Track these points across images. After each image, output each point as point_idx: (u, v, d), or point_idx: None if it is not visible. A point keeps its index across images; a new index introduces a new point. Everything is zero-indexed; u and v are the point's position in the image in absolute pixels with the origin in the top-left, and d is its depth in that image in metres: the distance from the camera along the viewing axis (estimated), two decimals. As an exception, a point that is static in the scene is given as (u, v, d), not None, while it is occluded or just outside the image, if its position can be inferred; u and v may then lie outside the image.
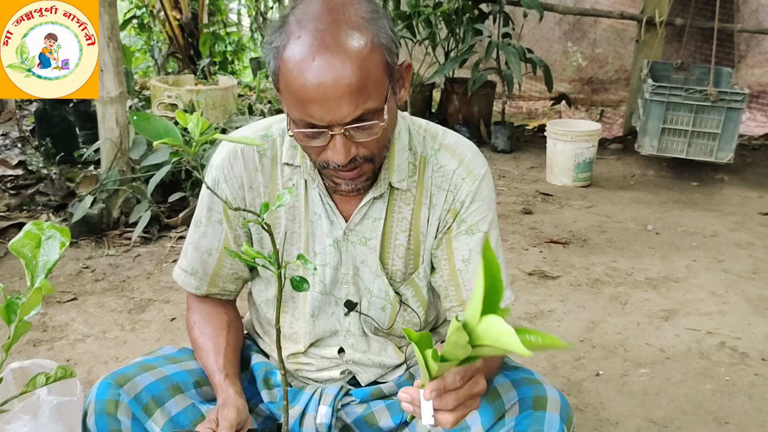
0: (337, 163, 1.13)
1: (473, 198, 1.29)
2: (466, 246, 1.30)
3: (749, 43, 5.48)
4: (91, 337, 2.41)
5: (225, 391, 1.29)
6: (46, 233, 1.01)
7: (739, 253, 3.23)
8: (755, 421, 2.04)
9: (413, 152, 1.30)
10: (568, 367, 2.30)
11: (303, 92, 1.07)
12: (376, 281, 1.33)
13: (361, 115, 1.09)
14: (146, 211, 3.14)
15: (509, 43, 4.61)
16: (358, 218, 1.30)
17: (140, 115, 1.00)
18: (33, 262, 0.98)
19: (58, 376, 0.97)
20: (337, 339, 1.40)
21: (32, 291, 0.93)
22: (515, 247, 3.25)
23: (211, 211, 1.37)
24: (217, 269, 1.40)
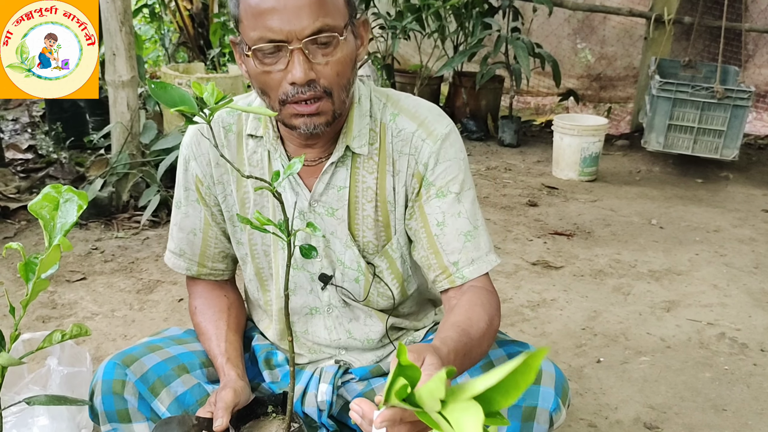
0: (297, 80, 1.12)
1: (437, 159, 1.27)
2: (438, 209, 1.27)
3: (757, 43, 5.48)
4: (99, 315, 2.45)
5: (226, 375, 1.31)
6: (64, 196, 1.04)
7: (742, 248, 3.25)
8: (752, 409, 2.07)
9: (373, 119, 1.29)
10: (569, 353, 2.33)
11: (263, 4, 1.10)
12: (347, 252, 1.32)
13: (320, 28, 1.11)
14: (155, 195, 3.18)
15: (518, 38, 4.63)
16: (322, 187, 1.29)
17: (158, 84, 1.03)
18: (51, 223, 1.01)
19: (74, 333, 1.00)
20: (321, 318, 1.40)
21: (51, 249, 0.96)
22: (519, 237, 3.28)
23: (188, 191, 1.38)
24: (204, 249, 1.42)
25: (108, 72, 3.15)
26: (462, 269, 1.27)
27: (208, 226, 1.40)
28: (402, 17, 4.79)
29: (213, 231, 1.41)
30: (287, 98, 1.15)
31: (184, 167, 1.38)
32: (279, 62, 1.14)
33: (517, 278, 2.84)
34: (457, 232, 1.28)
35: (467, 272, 1.27)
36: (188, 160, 1.36)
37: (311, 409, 1.41)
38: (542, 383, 1.25)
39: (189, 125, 1.33)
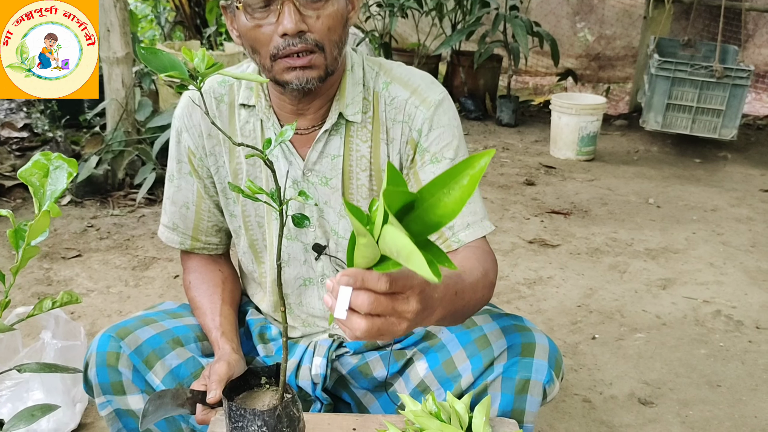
0: (287, 30, 1.11)
1: (431, 125, 1.26)
2: (433, 175, 1.25)
3: (757, 23, 5.45)
4: (95, 292, 2.45)
5: (221, 348, 1.30)
6: (54, 163, 1.03)
7: (739, 227, 3.25)
8: (747, 385, 2.07)
9: (366, 87, 1.28)
10: (564, 330, 2.33)
11: None
12: (341, 222, 1.32)
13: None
14: (151, 173, 3.17)
15: (516, 16, 4.60)
16: (315, 155, 1.28)
17: (147, 49, 1.01)
18: (41, 190, 1.00)
19: (64, 301, 0.99)
20: (314, 289, 1.40)
21: (40, 215, 0.95)
22: (516, 216, 3.27)
23: (180, 164, 1.38)
24: (197, 222, 1.41)
25: (102, 48, 3.12)
26: (458, 233, 1.27)
27: (201, 199, 1.39)
28: (400, -5, 4.76)
29: (206, 204, 1.40)
30: (278, 52, 1.14)
31: (176, 139, 1.37)
32: (270, 15, 1.13)
33: (513, 256, 2.84)
34: None
35: (463, 236, 1.27)
36: (180, 132, 1.35)
37: (305, 383, 1.41)
38: (535, 356, 1.25)
39: (181, 96, 1.32)
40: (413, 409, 1.18)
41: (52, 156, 1.03)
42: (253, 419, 1.09)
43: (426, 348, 1.36)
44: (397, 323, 0.86)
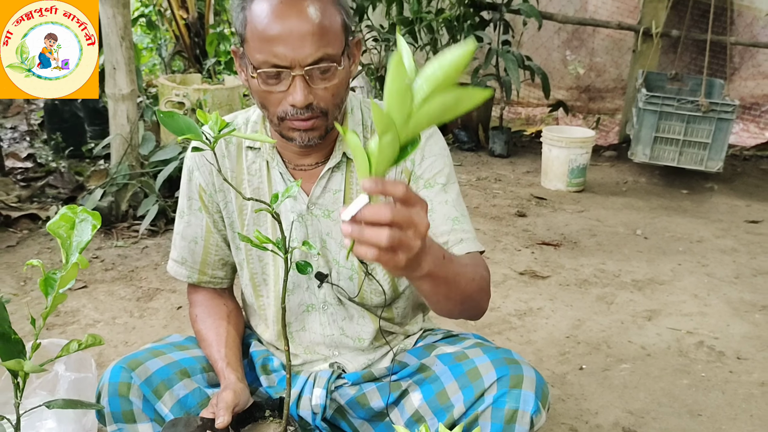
0: (296, 104, 1.22)
1: (423, 154, 1.38)
2: (427, 198, 1.31)
3: (743, 56, 5.60)
4: (101, 323, 2.54)
5: (227, 378, 1.39)
6: (80, 217, 1.12)
7: (723, 259, 3.36)
8: (727, 414, 2.16)
9: (364, 126, 1.41)
10: (553, 361, 2.42)
11: (270, 31, 1.19)
12: (342, 252, 1.42)
13: (321, 58, 1.20)
14: (154, 205, 3.27)
15: (508, 51, 4.74)
16: (319, 191, 1.39)
17: (166, 113, 1.12)
18: (68, 241, 1.10)
19: (89, 343, 1.08)
20: (316, 315, 1.48)
21: (70, 266, 1.05)
22: (508, 247, 3.37)
23: (191, 200, 1.47)
24: (205, 256, 1.51)
25: (108, 85, 3.23)
26: (452, 248, 1.36)
27: (209, 234, 1.49)
28: (395, 30, 4.90)
29: (214, 238, 1.50)
30: (286, 116, 1.25)
31: (188, 177, 1.47)
32: (281, 84, 1.23)
33: (505, 287, 2.94)
34: (445, 216, 1.38)
35: (456, 250, 1.36)
36: (192, 170, 1.46)
37: (306, 413, 1.49)
38: (523, 387, 1.33)
39: (211, 149, 1.43)
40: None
41: (78, 209, 1.13)
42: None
43: (421, 380, 1.45)
44: (413, 238, 0.89)
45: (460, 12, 4.89)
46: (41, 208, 3.61)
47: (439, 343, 1.55)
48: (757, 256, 3.41)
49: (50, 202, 3.71)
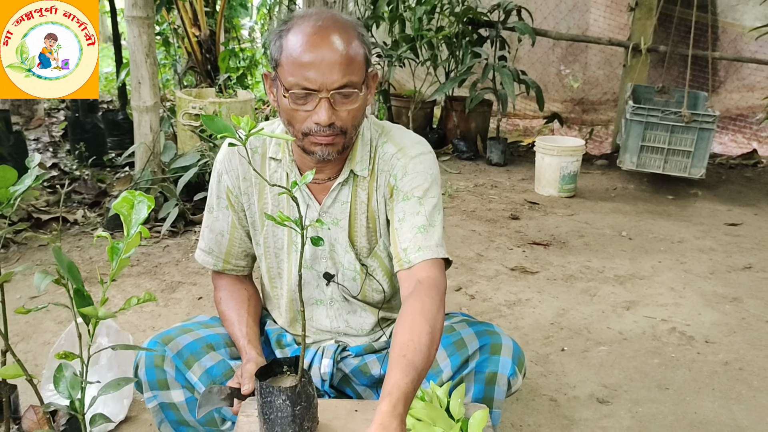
0: (321, 123, 1.40)
1: (405, 171, 1.55)
2: (401, 209, 1.54)
3: (728, 70, 5.88)
4: (130, 311, 2.81)
5: (248, 353, 1.62)
6: (138, 199, 1.40)
7: (701, 257, 3.62)
8: (691, 388, 2.42)
9: (371, 146, 1.60)
10: (538, 343, 2.68)
11: (303, 58, 1.36)
12: (346, 256, 1.64)
13: (345, 84, 1.39)
14: (174, 208, 3.55)
15: (504, 66, 5.03)
16: (330, 201, 1.60)
17: (207, 117, 1.40)
18: (129, 218, 1.37)
19: (145, 299, 1.35)
20: (323, 308, 1.71)
21: (133, 235, 1.32)
22: (501, 247, 3.64)
23: (219, 199, 1.69)
24: (229, 248, 1.73)
25: (134, 98, 3.52)
26: (409, 254, 1.53)
27: (234, 229, 1.72)
28: (397, 46, 5.20)
29: (238, 233, 1.72)
30: (310, 132, 1.44)
31: (217, 179, 1.70)
32: (308, 104, 1.41)
33: (496, 281, 3.20)
34: (412, 225, 1.55)
35: (413, 257, 1.50)
36: (221, 174, 1.68)
37: (316, 380, 1.73)
38: (502, 354, 1.57)
39: (222, 144, 1.68)
40: (403, 393, 1.51)
41: (136, 193, 1.41)
42: (278, 394, 1.41)
43: None
44: None
45: (459, 29, 5.20)
46: (68, 211, 3.89)
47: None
48: (732, 255, 3.67)
49: (76, 207, 3.99)
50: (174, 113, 4.85)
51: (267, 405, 1.39)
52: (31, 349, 2.47)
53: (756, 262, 3.57)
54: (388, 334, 1.78)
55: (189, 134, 4.35)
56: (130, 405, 2.17)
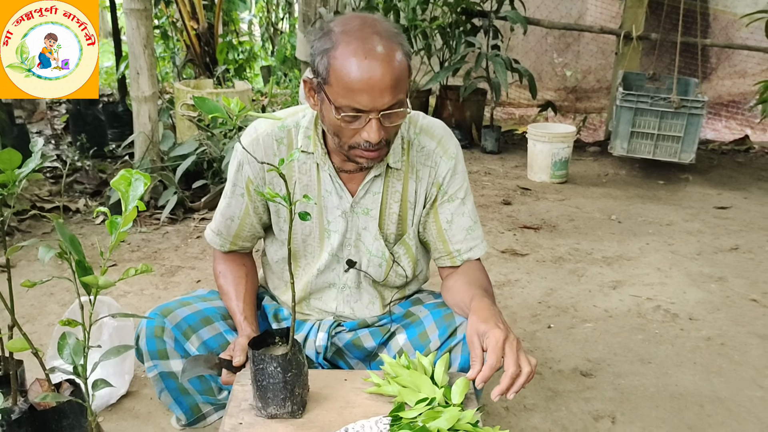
0: (372, 141, 1.44)
1: (452, 174, 1.66)
2: (448, 211, 1.68)
3: (720, 57, 5.95)
4: (131, 293, 2.90)
5: (243, 329, 1.70)
6: (134, 177, 1.48)
7: (689, 239, 3.70)
8: (673, 362, 2.51)
9: (402, 138, 1.63)
10: (526, 321, 2.77)
11: (356, 84, 1.38)
12: (375, 243, 1.71)
13: (395, 104, 1.42)
14: (173, 196, 3.63)
15: (497, 54, 5.10)
16: (363, 193, 1.66)
17: (198, 98, 1.48)
18: (126, 194, 1.46)
19: (142, 270, 1.44)
20: (334, 292, 1.79)
21: (129, 210, 1.41)
22: (492, 231, 3.73)
23: (235, 187, 1.74)
24: (239, 232, 1.80)
25: (132, 89, 3.61)
26: (463, 254, 1.73)
27: (246, 215, 1.76)
28: (392, 36, 5.26)
29: (250, 219, 1.77)
30: (358, 146, 1.49)
31: (237, 168, 1.73)
32: (357, 122, 1.45)
33: (487, 263, 3.29)
34: (461, 227, 1.71)
35: (466, 256, 1.73)
36: (242, 164, 1.71)
37: (311, 352, 1.81)
38: None
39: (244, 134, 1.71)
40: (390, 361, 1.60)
41: (132, 171, 1.49)
42: (270, 362, 1.48)
43: (407, 324, 1.77)
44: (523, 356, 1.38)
45: (452, 19, 5.27)
46: (70, 200, 3.98)
47: (424, 297, 1.89)
48: (720, 237, 3.75)
49: (78, 196, 4.08)
50: (173, 105, 4.94)
51: (260, 372, 1.47)
52: (36, 330, 2.56)
53: (743, 244, 3.66)
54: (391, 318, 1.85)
55: (187, 124, 4.43)
56: (131, 381, 2.26)
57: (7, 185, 1.64)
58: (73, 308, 2.15)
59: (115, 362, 2.19)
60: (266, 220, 1.79)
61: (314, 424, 1.42)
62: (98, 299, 2.29)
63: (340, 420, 1.42)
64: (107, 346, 2.19)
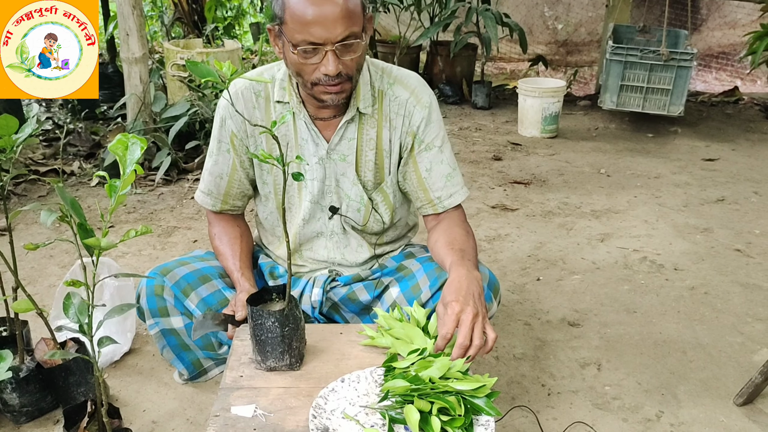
0: (330, 74, 1.50)
1: (426, 122, 1.72)
2: (426, 159, 1.74)
3: (710, 8, 5.93)
4: (129, 254, 2.96)
5: (241, 285, 1.76)
6: (131, 141, 1.52)
7: (676, 191, 3.76)
8: (658, 311, 2.59)
9: (372, 86, 1.71)
10: (515, 274, 2.85)
11: (308, 16, 1.45)
12: (353, 188, 1.77)
13: (348, 35, 1.48)
14: (167, 157, 3.66)
15: (487, 9, 5.09)
16: (337, 139, 1.72)
17: (191, 62, 1.51)
18: (124, 158, 1.50)
19: (142, 231, 1.49)
20: (324, 240, 1.85)
21: (127, 174, 1.45)
22: (483, 186, 3.78)
23: (220, 143, 1.80)
24: (228, 189, 1.84)
25: (122, 50, 3.60)
26: (443, 201, 1.78)
27: (234, 171, 1.81)
28: (382, -8, 5.24)
29: (238, 175, 1.82)
30: (319, 82, 1.54)
31: (220, 123, 1.78)
32: (315, 57, 1.51)
33: (478, 219, 3.35)
34: (440, 174, 1.76)
35: (447, 203, 1.78)
36: (224, 119, 1.76)
37: (306, 307, 1.89)
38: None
39: (225, 89, 1.77)
40: (384, 314, 1.66)
41: (129, 135, 1.53)
42: (268, 317, 1.54)
43: (400, 277, 1.84)
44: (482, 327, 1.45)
45: (441, -27, 5.23)
46: (65, 163, 4.01)
47: (416, 251, 1.95)
48: (707, 189, 3.81)
49: (71, 159, 4.10)
50: (163, 65, 4.92)
51: (258, 327, 1.53)
52: (38, 292, 2.62)
53: (729, 195, 3.72)
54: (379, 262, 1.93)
55: (178, 85, 4.43)
56: (133, 339, 2.33)
57: (5, 150, 1.68)
58: (74, 269, 2.20)
59: (118, 321, 2.26)
60: (253, 175, 1.84)
61: (312, 376, 1.49)
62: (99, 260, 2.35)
63: (336, 371, 1.49)
64: (110, 305, 2.27)
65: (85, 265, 1.55)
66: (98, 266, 1.80)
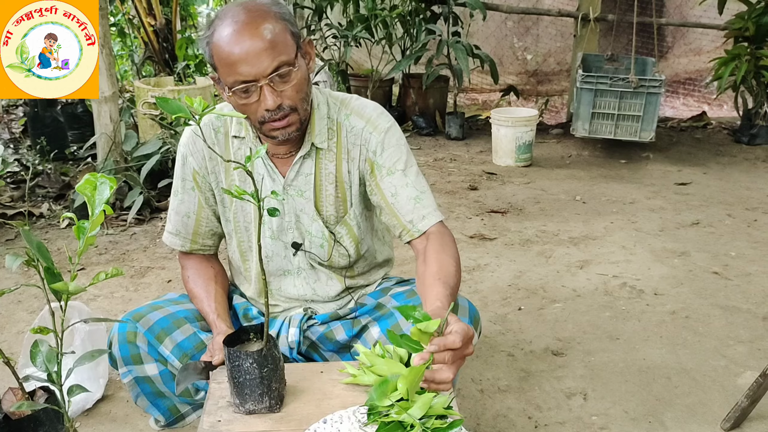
0: (269, 108, 1.48)
1: (383, 146, 1.65)
2: (390, 184, 1.69)
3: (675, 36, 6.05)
4: (101, 297, 2.88)
5: (218, 327, 1.71)
6: (100, 180, 1.48)
7: (651, 216, 3.78)
8: (641, 337, 2.57)
9: (330, 119, 1.68)
10: (496, 304, 2.82)
11: (232, 57, 1.44)
12: (313, 224, 1.74)
13: (278, 66, 1.46)
14: (139, 196, 3.60)
15: (458, 41, 5.13)
16: (293, 174, 1.69)
17: (160, 99, 1.48)
18: (92, 198, 1.45)
19: (113, 274, 1.43)
20: (291, 278, 1.80)
21: (96, 215, 1.40)
22: (460, 216, 3.77)
23: (184, 181, 1.76)
24: (196, 228, 1.80)
25: (92, 89, 3.55)
26: (416, 224, 1.69)
27: (201, 209, 1.78)
28: (352, 26, 5.27)
29: (205, 212, 1.79)
30: (265, 120, 1.53)
31: (182, 161, 1.76)
32: (252, 95, 1.49)
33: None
34: (407, 197, 1.69)
35: (420, 226, 1.69)
36: (186, 156, 1.75)
37: (284, 348, 1.83)
38: (458, 314, 1.67)
39: (185, 128, 1.76)
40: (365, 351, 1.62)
41: (97, 175, 1.48)
42: (246, 358, 1.49)
43: (378, 316, 1.79)
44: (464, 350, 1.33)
45: (412, 7, 5.28)
46: (33, 206, 3.93)
47: (393, 287, 1.91)
48: (681, 212, 3.84)
49: (41, 201, 4.02)
50: (134, 104, 4.88)
51: (236, 369, 1.48)
52: (5, 339, 2.53)
53: (703, 218, 3.75)
54: (355, 299, 1.88)
55: (150, 123, 4.39)
56: (106, 385, 2.25)
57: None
58: (42, 315, 2.13)
59: (89, 367, 2.18)
60: (219, 212, 1.81)
61: (293, 418, 1.43)
62: (68, 304, 2.28)
63: (318, 412, 1.44)
64: (80, 351, 2.19)
65: (54, 310, 1.49)
66: (68, 311, 1.73)
